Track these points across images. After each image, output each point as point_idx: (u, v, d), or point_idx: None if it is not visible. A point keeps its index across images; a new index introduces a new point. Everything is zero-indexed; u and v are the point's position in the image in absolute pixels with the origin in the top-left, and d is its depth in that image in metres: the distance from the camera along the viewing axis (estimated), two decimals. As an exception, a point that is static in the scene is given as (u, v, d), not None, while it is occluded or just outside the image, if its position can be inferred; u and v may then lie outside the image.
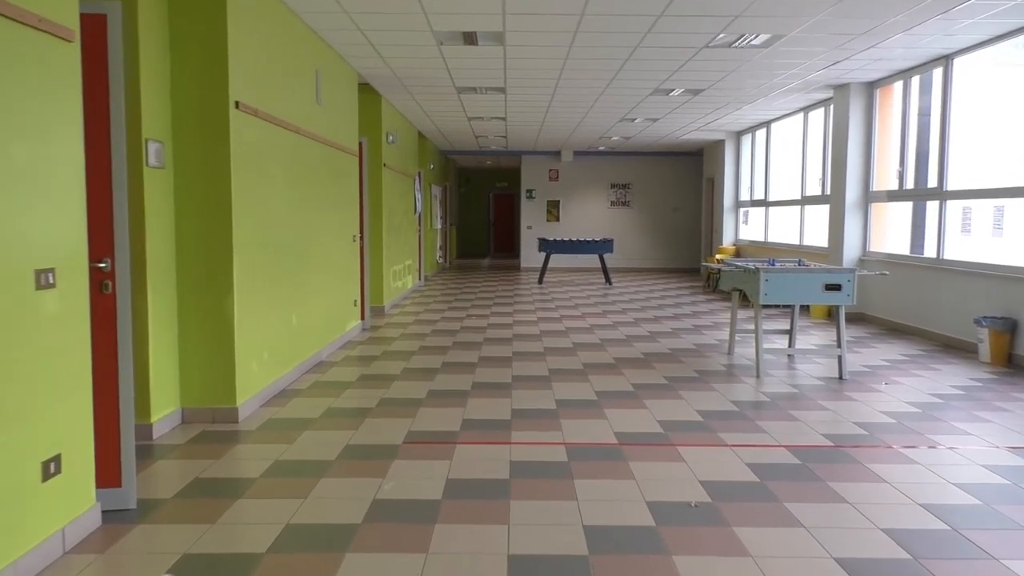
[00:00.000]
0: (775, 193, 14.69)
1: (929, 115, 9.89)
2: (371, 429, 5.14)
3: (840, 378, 6.81)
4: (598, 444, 4.83)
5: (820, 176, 12.16)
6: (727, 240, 16.92)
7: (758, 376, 6.83)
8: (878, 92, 10.44)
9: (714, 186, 17.88)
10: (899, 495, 3.99)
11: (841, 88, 10.72)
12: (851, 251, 10.77)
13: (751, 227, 16.24)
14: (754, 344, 8.01)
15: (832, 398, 6.10)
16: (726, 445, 4.81)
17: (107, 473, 3.64)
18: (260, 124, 5.77)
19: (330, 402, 5.87)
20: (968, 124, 8.92)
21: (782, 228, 14.39)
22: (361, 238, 9.57)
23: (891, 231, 10.58)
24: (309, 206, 7.19)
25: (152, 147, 4.82)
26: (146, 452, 4.62)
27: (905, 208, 10.35)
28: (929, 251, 9.38)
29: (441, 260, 19.85)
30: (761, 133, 15.34)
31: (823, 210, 12.22)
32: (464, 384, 6.50)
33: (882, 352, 8.14)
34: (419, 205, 15.07)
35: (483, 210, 27.90)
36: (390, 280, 11.94)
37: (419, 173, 15.51)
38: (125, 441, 3.65)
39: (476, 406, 5.77)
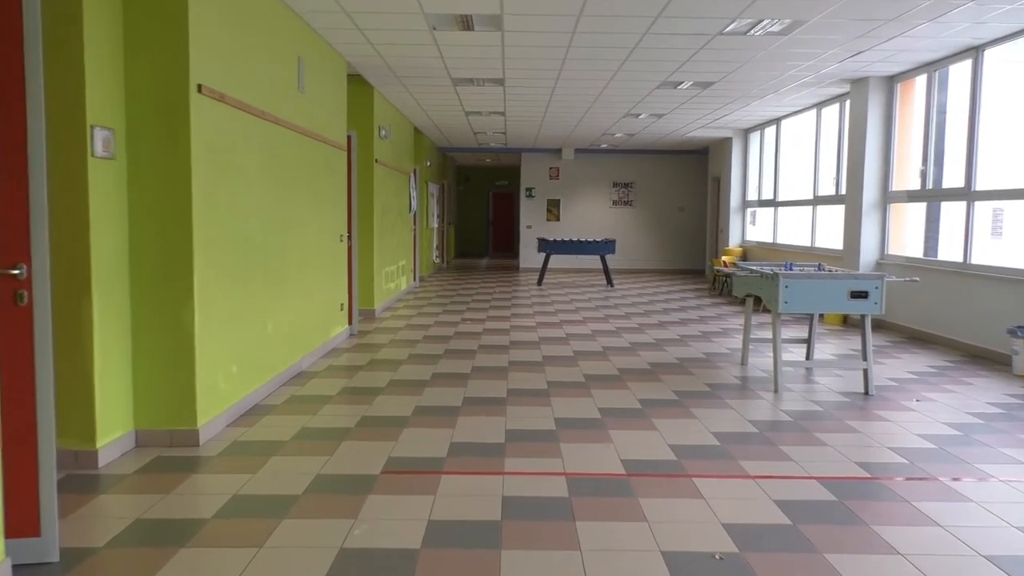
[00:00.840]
0: (785, 193, 14.11)
1: (946, 112, 9.32)
2: (347, 455, 4.56)
3: (866, 394, 6.23)
4: (603, 475, 4.25)
5: (834, 175, 11.58)
6: (733, 241, 16.34)
7: (776, 391, 6.26)
8: (899, 87, 9.86)
9: (720, 185, 17.30)
10: (957, 543, 3.41)
11: (859, 82, 10.13)
12: (868, 254, 10.19)
13: (759, 228, 15.67)
14: (771, 355, 7.45)
15: (860, 417, 5.52)
16: (749, 476, 4.24)
17: (21, 519, 3.06)
18: (229, 112, 5.19)
19: (305, 421, 5.29)
20: (998, 120, 8.34)
21: (792, 229, 13.82)
22: (349, 238, 9.00)
23: (911, 233, 10.00)
24: (289, 203, 6.62)
25: (99, 135, 4.23)
26: (88, 484, 4.04)
27: (923, 209, 9.75)
28: (951, 255, 8.80)
29: (438, 260, 19.28)
30: (770, 130, 14.75)
31: (837, 211, 11.65)
32: (455, 399, 5.93)
33: (907, 363, 7.56)
34: (414, 203, 14.50)
35: (482, 209, 27.32)
36: (382, 282, 11.37)
37: (415, 170, 14.93)
38: (44, 479, 3.07)
39: (467, 426, 5.19)
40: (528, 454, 4.60)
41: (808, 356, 7.31)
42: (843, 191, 11.27)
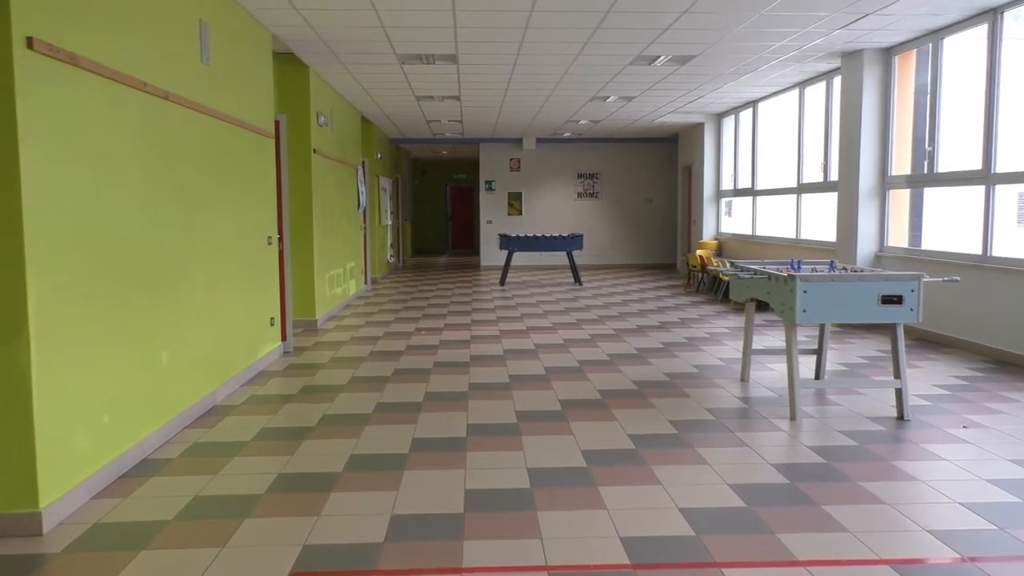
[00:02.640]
0: (764, 181, 13.11)
1: (934, 89, 8.35)
2: (247, 547, 3.33)
3: (901, 418, 5.17)
4: (600, 569, 3.08)
5: (823, 161, 10.58)
6: (708, 234, 15.33)
7: (793, 418, 5.16)
8: (897, 60, 8.86)
9: (692, 174, 16.28)
10: None
11: (852, 56, 9.11)
12: (866, 246, 9.19)
13: (735, 219, 14.67)
14: (773, 368, 6.36)
15: (906, 455, 4.44)
16: (798, 563, 3.10)
17: None
18: (86, 79, 3.91)
19: (201, 486, 4.04)
20: (1017, 95, 7.36)
21: (773, 220, 12.82)
22: (280, 240, 7.72)
23: (928, 223, 9.00)
24: (191, 199, 5.34)
25: None
26: None
27: (936, 195, 8.77)
28: (967, 247, 7.82)
29: (392, 260, 17.99)
30: (746, 114, 13.74)
31: (825, 199, 10.65)
32: (401, 441, 4.72)
33: (929, 374, 6.54)
34: (363, 199, 13.21)
35: (440, 204, 26.06)
36: (325, 288, 10.09)
37: (363, 163, 13.64)
38: None
39: (413, 486, 3.99)
40: (495, 532, 3.41)
41: (819, 372, 6.24)
42: (833, 177, 10.27)
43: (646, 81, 10.70)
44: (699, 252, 14.27)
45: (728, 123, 14.72)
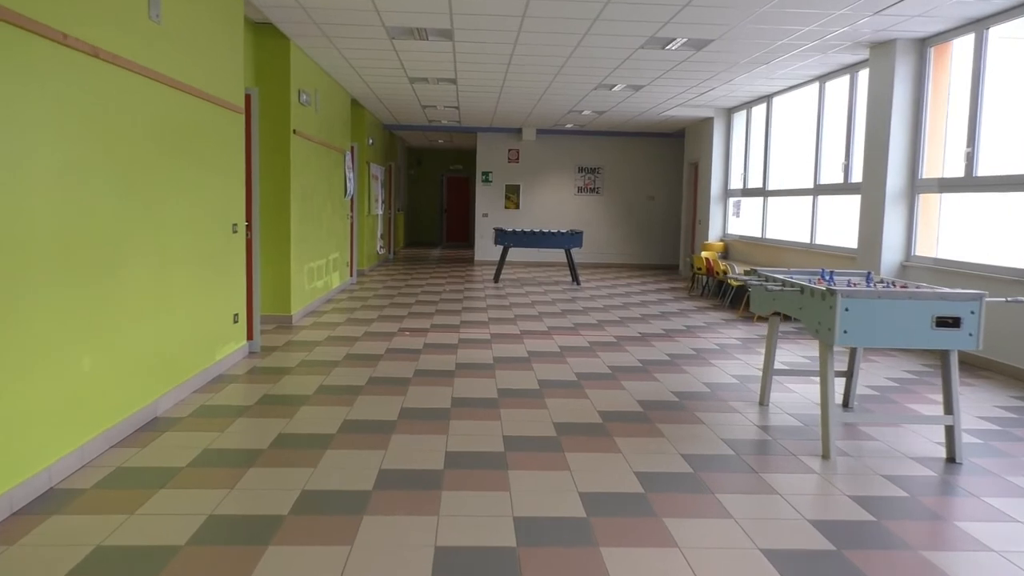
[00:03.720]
0: (776, 181, 12.36)
1: (976, 84, 7.60)
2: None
3: (952, 460, 4.43)
4: None
5: (844, 161, 9.83)
6: (714, 235, 14.58)
7: (827, 457, 4.41)
8: (932, 51, 8.11)
9: (698, 172, 15.52)
10: None
11: (882, 47, 8.36)
12: (891, 254, 8.45)
13: (743, 220, 13.92)
14: (793, 389, 5.61)
15: (974, 514, 3.69)
16: None
17: None
18: (-19, 22, 3.13)
19: (109, 531, 3.27)
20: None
21: (785, 223, 12.08)
22: (248, 227, 6.94)
23: (948, 230, 8.26)
24: (131, 178, 4.57)
25: None
26: None
27: (970, 202, 8.02)
28: (1008, 259, 7.08)
29: (383, 251, 17.20)
30: (759, 109, 12.98)
31: (844, 202, 9.92)
32: (365, 476, 3.96)
33: (969, 403, 5.80)
34: (351, 186, 12.42)
35: (435, 195, 25.27)
36: (304, 281, 9.31)
37: (352, 148, 12.85)
38: None
39: (371, 541, 3.23)
40: (468, 614, 2.66)
41: (849, 399, 5.50)
42: (855, 179, 9.53)
43: (657, 68, 9.93)
44: (704, 254, 13.53)
45: (739, 118, 13.96)
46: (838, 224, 10.21)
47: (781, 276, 5.26)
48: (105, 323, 4.25)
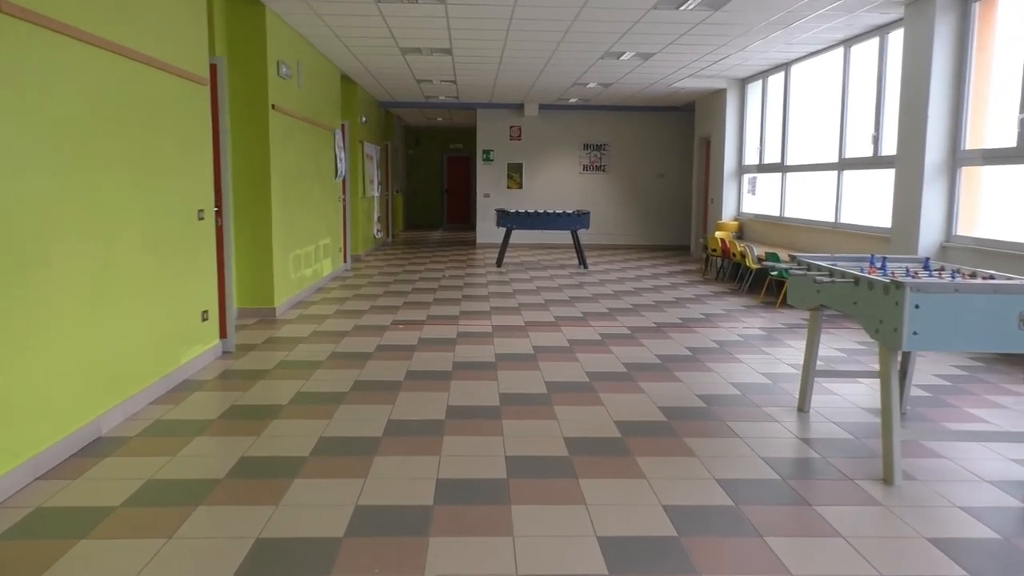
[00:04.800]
0: (795, 155, 11.57)
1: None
2: None
3: (1040, 484, 3.72)
4: None
5: (873, 132, 9.04)
6: (727, 214, 13.82)
7: (891, 482, 3.70)
8: (976, 7, 7.31)
9: (710, 147, 14.72)
10: None
11: (919, 4, 7.56)
12: (930, 234, 7.70)
13: (759, 198, 13.14)
14: (851, 401, 4.89)
15: (1078, 556, 2.99)
16: None
17: None
18: None
19: (6, 602, 2.60)
20: None
21: (805, 200, 11.31)
22: (219, 213, 6.22)
23: (993, 207, 7.49)
24: (64, 158, 3.84)
25: None
26: None
27: (1017, 174, 7.24)
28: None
29: (380, 235, 16.47)
30: (776, 79, 12.17)
31: (873, 177, 9.15)
32: (336, 517, 3.27)
33: (1038, 404, 5.09)
34: (342, 167, 11.67)
35: (435, 175, 24.49)
36: (289, 270, 8.60)
37: (343, 126, 12.09)
38: None
39: (339, 612, 2.54)
40: None
41: (900, 404, 4.78)
42: (886, 151, 8.76)
43: (669, 33, 9.14)
44: (718, 234, 12.77)
45: (754, 89, 13.15)
46: (866, 201, 9.45)
47: (826, 264, 4.53)
48: (28, 328, 3.54)
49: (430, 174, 24.41)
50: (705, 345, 6.86)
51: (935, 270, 4.43)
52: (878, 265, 4.55)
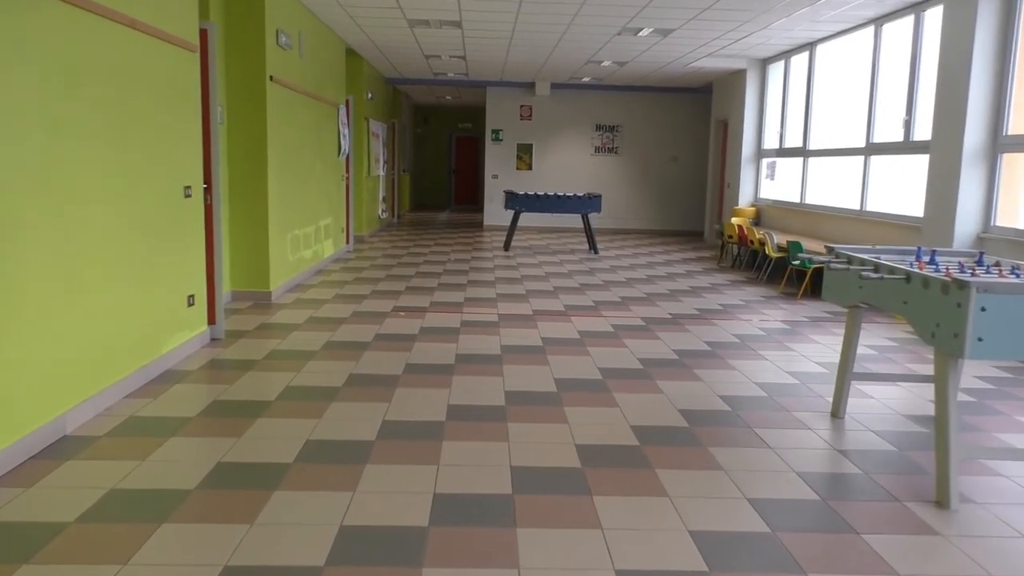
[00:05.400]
0: (819, 140, 11.07)
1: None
2: None
3: (1114, 511, 3.30)
4: None
5: (905, 116, 8.55)
6: (744, 199, 13.33)
7: (947, 505, 3.28)
8: (1025, -17, 6.80)
9: (728, 130, 14.22)
10: None
11: (965, -23, 7.05)
12: (967, 224, 7.23)
13: (778, 183, 12.65)
14: (889, 405, 4.45)
15: None
16: None
17: None
18: None
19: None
20: None
21: (827, 186, 10.83)
22: (207, 190, 5.80)
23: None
24: (28, 127, 3.43)
25: None
26: None
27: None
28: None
29: (385, 215, 16.04)
30: (799, 59, 11.64)
31: (904, 163, 8.67)
32: (322, 531, 2.87)
33: (1094, 413, 4.65)
34: (346, 144, 11.24)
35: (443, 155, 24.01)
36: (286, 251, 8.20)
37: (347, 101, 11.64)
38: None
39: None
40: None
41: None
42: (919, 136, 8.28)
43: (691, 6, 8.64)
44: (735, 220, 12.31)
45: (775, 70, 12.62)
46: (896, 189, 8.98)
47: (868, 256, 4.09)
48: (-27, 322, 3.14)
49: (438, 154, 23.93)
50: (724, 339, 6.43)
51: (990, 265, 3.99)
52: (926, 259, 4.11)
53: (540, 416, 4.31)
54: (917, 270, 3.57)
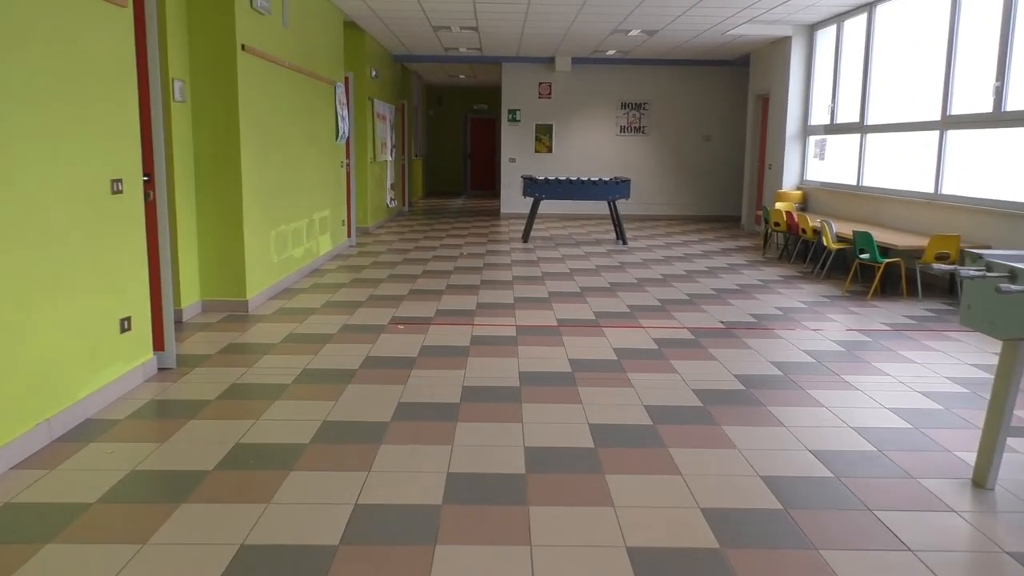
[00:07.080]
0: (878, 114, 9.73)
1: None
2: None
3: None
4: None
5: (996, 82, 7.22)
6: (788, 182, 12.01)
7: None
8: None
9: (768, 105, 12.86)
10: None
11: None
12: (1086, 212, 5.93)
13: (828, 163, 11.31)
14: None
15: None
16: None
17: None
18: None
19: None
20: None
21: (888, 166, 9.51)
22: (149, 183, 4.63)
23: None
24: None
25: None
26: None
27: None
28: None
29: (393, 204, 14.86)
30: (855, 23, 10.28)
31: (992, 138, 7.35)
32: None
33: None
34: (345, 127, 10.05)
35: (458, 138, 22.79)
36: (270, 251, 7.05)
37: (347, 79, 10.44)
38: None
39: None
40: None
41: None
42: (1013, 106, 6.96)
43: (740, -42, 7.34)
44: (779, 205, 11.01)
45: (825, 36, 11.25)
46: (979, 168, 7.66)
47: (1018, 264, 2.85)
48: None
49: (452, 137, 22.71)
50: (795, 357, 5.20)
51: None
52: None
53: (574, 487, 3.11)
54: None
